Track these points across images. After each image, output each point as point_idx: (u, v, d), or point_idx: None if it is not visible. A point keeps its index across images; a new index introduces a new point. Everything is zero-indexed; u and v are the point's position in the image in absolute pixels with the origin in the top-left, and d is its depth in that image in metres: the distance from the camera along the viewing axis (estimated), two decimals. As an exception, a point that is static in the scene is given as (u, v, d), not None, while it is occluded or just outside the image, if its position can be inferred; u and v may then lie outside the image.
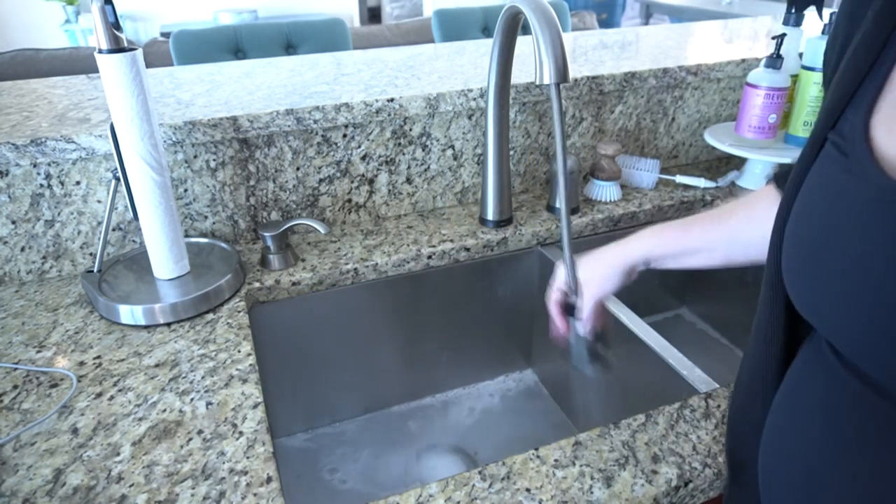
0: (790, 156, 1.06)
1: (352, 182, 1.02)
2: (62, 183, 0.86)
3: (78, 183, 0.87)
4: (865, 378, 0.39)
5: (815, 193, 0.41)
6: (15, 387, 0.69)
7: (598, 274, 0.71)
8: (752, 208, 0.62)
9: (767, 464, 0.48)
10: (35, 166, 0.84)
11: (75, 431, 0.63)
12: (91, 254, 0.92)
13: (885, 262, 0.35)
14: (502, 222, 1.02)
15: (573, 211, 1.06)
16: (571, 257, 0.71)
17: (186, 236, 0.95)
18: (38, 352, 0.75)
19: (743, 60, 1.21)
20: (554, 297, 0.75)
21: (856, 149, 0.38)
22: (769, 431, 0.47)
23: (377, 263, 0.94)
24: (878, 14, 0.39)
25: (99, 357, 0.74)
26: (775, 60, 1.02)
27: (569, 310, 0.75)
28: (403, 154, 1.03)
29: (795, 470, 0.44)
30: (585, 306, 0.72)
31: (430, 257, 0.97)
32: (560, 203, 0.68)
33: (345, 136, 0.98)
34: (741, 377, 0.53)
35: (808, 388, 0.44)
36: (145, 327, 0.79)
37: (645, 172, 1.15)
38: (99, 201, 0.89)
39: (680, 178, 1.17)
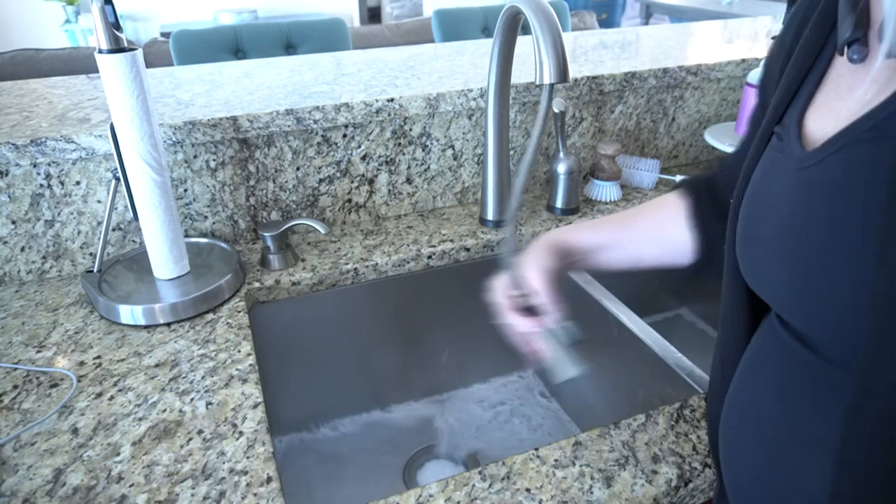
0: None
1: (352, 182, 1.02)
2: (62, 183, 0.86)
3: (78, 183, 0.87)
4: (804, 340, 0.42)
5: (758, 178, 0.46)
6: (15, 387, 0.69)
7: (530, 257, 0.65)
8: (656, 212, 0.67)
9: (728, 430, 0.50)
10: (35, 166, 0.84)
11: (75, 431, 0.63)
12: (91, 254, 0.92)
13: (803, 224, 0.39)
14: (502, 222, 1.02)
15: (572, 211, 1.06)
16: (512, 258, 0.65)
17: (186, 236, 0.95)
18: (38, 352, 0.75)
19: (743, 60, 1.21)
20: (507, 306, 0.65)
21: (789, 133, 0.43)
22: (729, 402, 0.50)
23: (377, 263, 0.94)
24: (816, 19, 0.44)
25: (99, 357, 0.74)
26: (775, 60, 1.02)
27: (529, 312, 0.64)
28: (403, 154, 1.03)
29: (748, 428, 0.47)
30: (540, 291, 0.63)
31: (430, 257, 0.97)
32: (514, 199, 0.65)
33: (345, 136, 0.98)
34: (714, 366, 0.55)
35: (761, 356, 0.47)
36: (145, 327, 0.79)
37: (645, 172, 1.15)
38: (99, 201, 0.89)
39: (680, 178, 1.17)
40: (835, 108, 0.41)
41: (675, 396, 0.72)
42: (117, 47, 0.71)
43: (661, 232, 0.66)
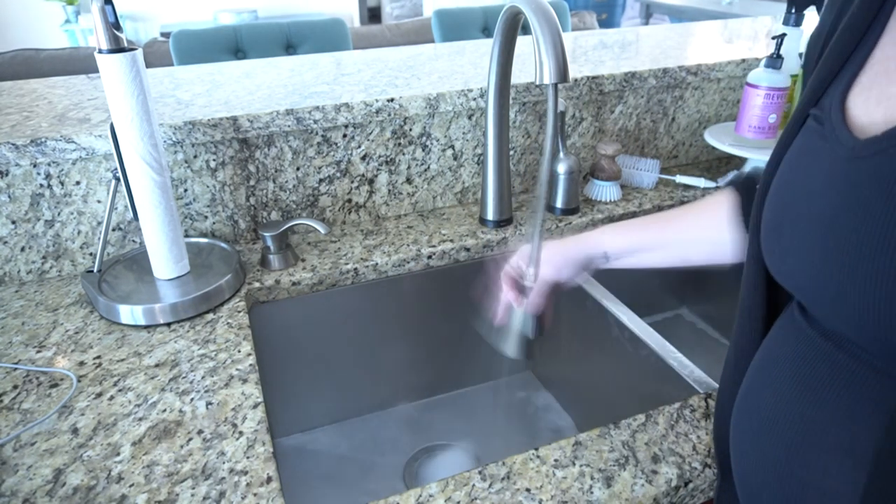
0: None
1: (352, 182, 1.02)
2: (62, 183, 0.86)
3: (78, 183, 0.87)
4: (829, 334, 0.42)
5: (793, 162, 0.44)
6: (15, 387, 0.69)
7: (558, 259, 0.73)
8: (707, 210, 0.67)
9: (741, 425, 0.49)
10: (35, 166, 0.84)
11: (75, 431, 0.63)
12: (91, 254, 0.92)
13: (849, 216, 0.37)
14: (502, 222, 1.02)
15: (572, 211, 1.06)
16: (541, 239, 0.72)
17: (186, 236, 0.95)
18: (38, 352, 0.75)
19: (743, 60, 1.21)
20: (509, 272, 0.76)
21: (831, 117, 0.41)
22: (743, 396, 0.50)
23: (377, 263, 0.94)
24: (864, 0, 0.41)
25: (99, 357, 0.74)
26: (775, 60, 1.02)
27: (518, 289, 0.75)
28: (403, 154, 1.03)
29: (764, 423, 0.46)
30: (538, 286, 0.73)
31: (430, 257, 0.97)
32: (541, 187, 0.68)
33: (345, 136, 0.98)
34: (728, 359, 0.54)
35: (780, 349, 0.46)
36: (145, 327, 0.79)
37: (645, 172, 1.15)
38: (99, 201, 0.89)
39: (680, 178, 1.17)
40: (886, 92, 0.39)
41: (675, 396, 0.72)
42: (117, 47, 0.71)
43: (703, 232, 0.66)
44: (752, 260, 0.49)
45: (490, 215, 1.02)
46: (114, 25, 0.70)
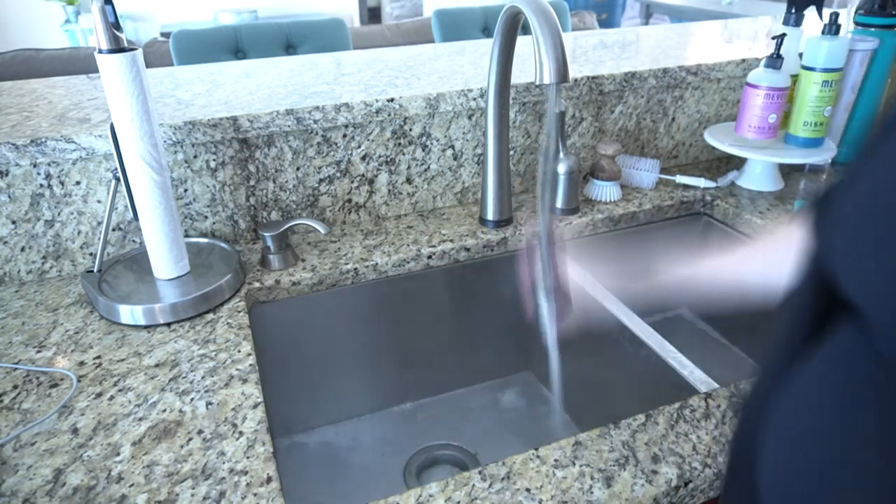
0: (790, 156, 1.06)
1: (352, 182, 1.02)
2: (62, 183, 0.86)
3: (78, 183, 0.87)
4: (885, 359, 0.36)
5: None
6: (15, 387, 0.69)
7: None
8: None
9: (771, 435, 0.46)
10: (35, 166, 0.84)
11: (75, 431, 0.63)
12: (91, 254, 0.92)
13: None
14: (502, 222, 1.02)
15: (572, 211, 1.06)
16: (548, 242, 0.76)
17: (186, 236, 0.95)
18: (38, 352, 0.75)
19: (743, 60, 1.21)
20: (526, 273, 0.80)
21: None
22: (777, 404, 0.46)
23: (377, 263, 0.94)
24: None
25: (99, 357, 0.74)
26: (775, 60, 1.02)
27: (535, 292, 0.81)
28: (403, 154, 1.03)
29: (798, 440, 0.43)
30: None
31: (430, 257, 0.97)
32: (540, 188, 0.69)
33: (345, 136, 0.98)
34: (764, 366, 0.50)
35: (826, 363, 0.41)
36: (145, 327, 0.79)
37: (645, 172, 1.15)
38: (99, 201, 0.89)
39: (680, 178, 1.17)
40: None
41: (675, 396, 0.72)
42: (117, 47, 0.71)
43: None
44: (808, 262, 0.43)
45: (490, 215, 1.02)
46: (114, 25, 0.70)
